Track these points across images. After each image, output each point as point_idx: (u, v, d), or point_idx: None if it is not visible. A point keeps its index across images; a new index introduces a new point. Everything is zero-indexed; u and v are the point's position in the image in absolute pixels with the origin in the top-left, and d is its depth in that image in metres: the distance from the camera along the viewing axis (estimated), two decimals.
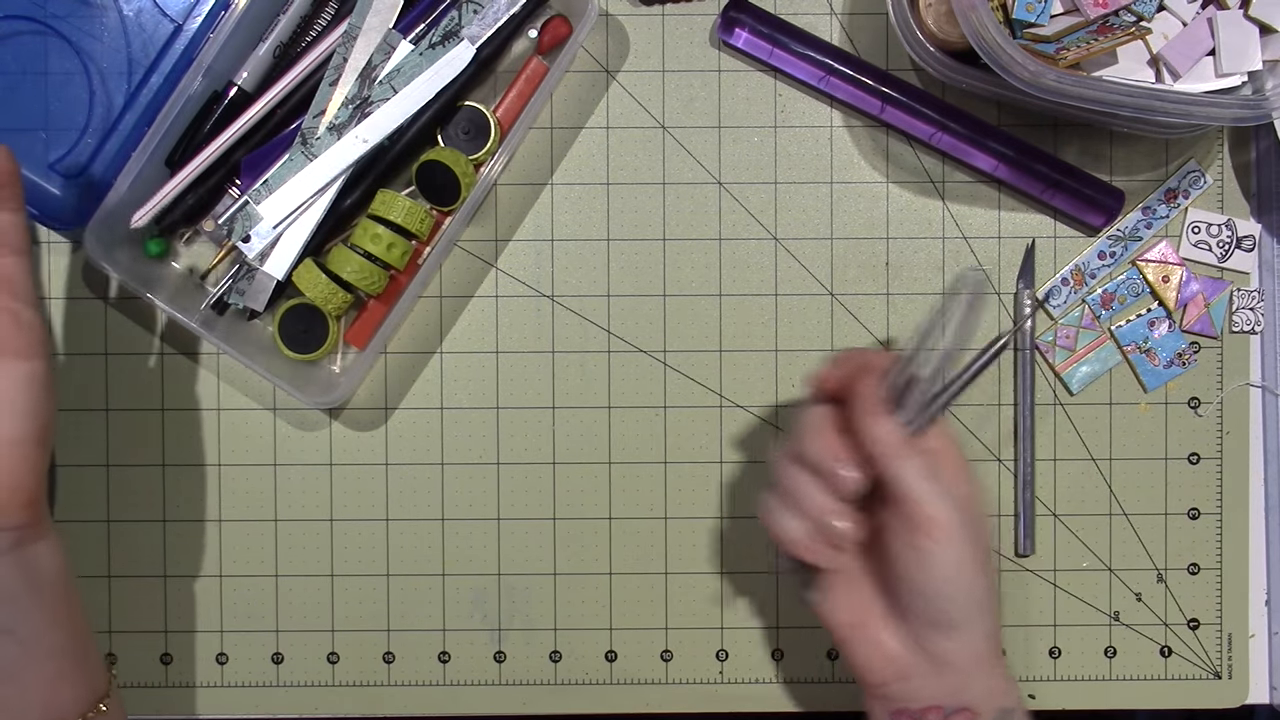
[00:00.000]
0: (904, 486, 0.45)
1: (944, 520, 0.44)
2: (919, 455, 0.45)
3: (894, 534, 0.45)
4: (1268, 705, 0.60)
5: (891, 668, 0.47)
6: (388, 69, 0.55)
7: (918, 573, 0.45)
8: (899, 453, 0.45)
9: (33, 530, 0.46)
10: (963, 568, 0.45)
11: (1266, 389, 0.60)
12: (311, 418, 0.59)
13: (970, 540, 0.45)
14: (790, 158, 0.59)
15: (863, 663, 0.47)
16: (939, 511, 0.44)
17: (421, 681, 0.60)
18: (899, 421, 0.46)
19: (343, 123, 0.55)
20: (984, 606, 0.46)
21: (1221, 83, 0.54)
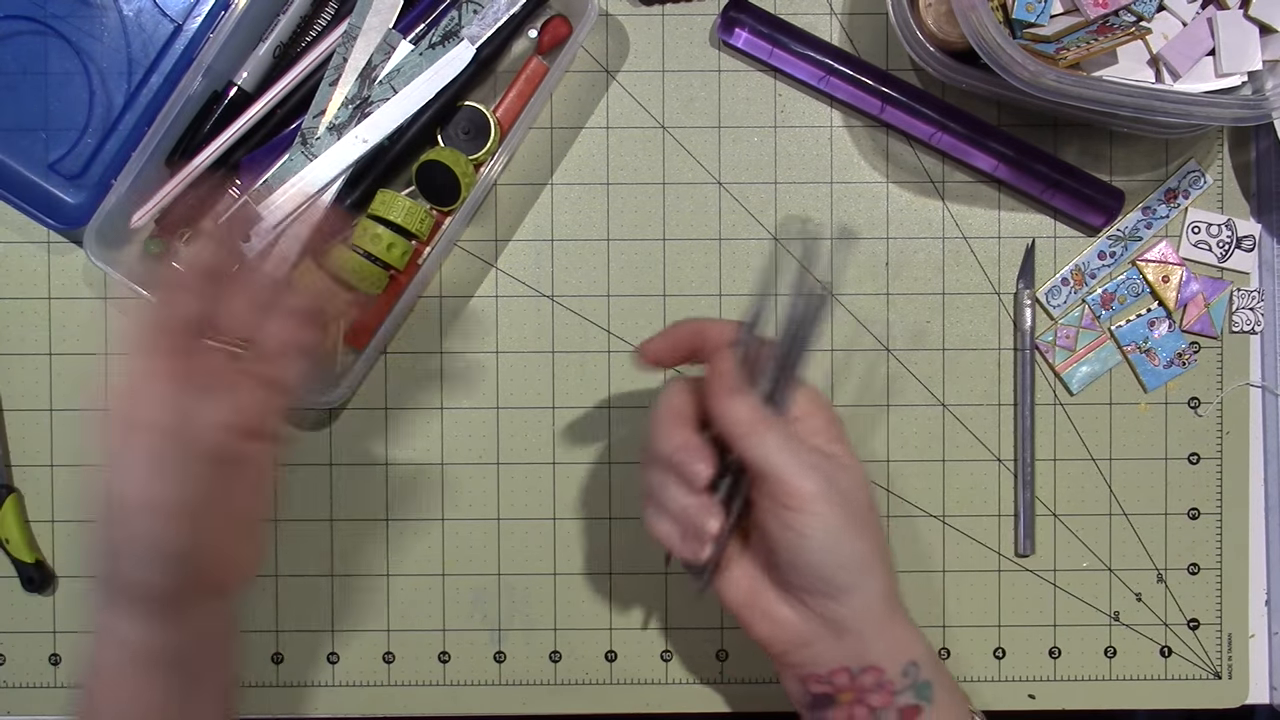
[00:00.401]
0: (763, 463, 0.43)
1: (809, 491, 0.43)
2: (774, 429, 0.44)
3: (763, 510, 0.44)
4: (1268, 705, 0.60)
5: (790, 637, 0.46)
6: (388, 69, 0.55)
7: (792, 546, 0.44)
8: (754, 429, 0.43)
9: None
10: (839, 535, 0.43)
11: (1266, 389, 0.60)
12: (311, 418, 0.59)
13: (841, 504, 0.43)
14: (790, 158, 0.59)
15: (762, 636, 0.46)
16: (802, 484, 0.43)
17: (421, 681, 0.60)
18: (758, 396, 0.45)
19: (343, 123, 0.55)
20: (870, 567, 0.45)
21: (1221, 83, 0.54)
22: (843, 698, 0.45)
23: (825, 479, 0.44)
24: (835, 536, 0.44)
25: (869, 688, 0.45)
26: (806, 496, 0.43)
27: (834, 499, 0.43)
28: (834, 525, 0.43)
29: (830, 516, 0.43)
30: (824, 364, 0.59)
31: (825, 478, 0.44)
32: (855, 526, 0.44)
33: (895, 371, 0.59)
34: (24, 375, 0.59)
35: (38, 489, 0.59)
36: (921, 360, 0.59)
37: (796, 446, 0.44)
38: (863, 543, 0.44)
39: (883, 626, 0.45)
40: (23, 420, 0.59)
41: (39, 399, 0.59)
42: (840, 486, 0.44)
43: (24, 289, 0.59)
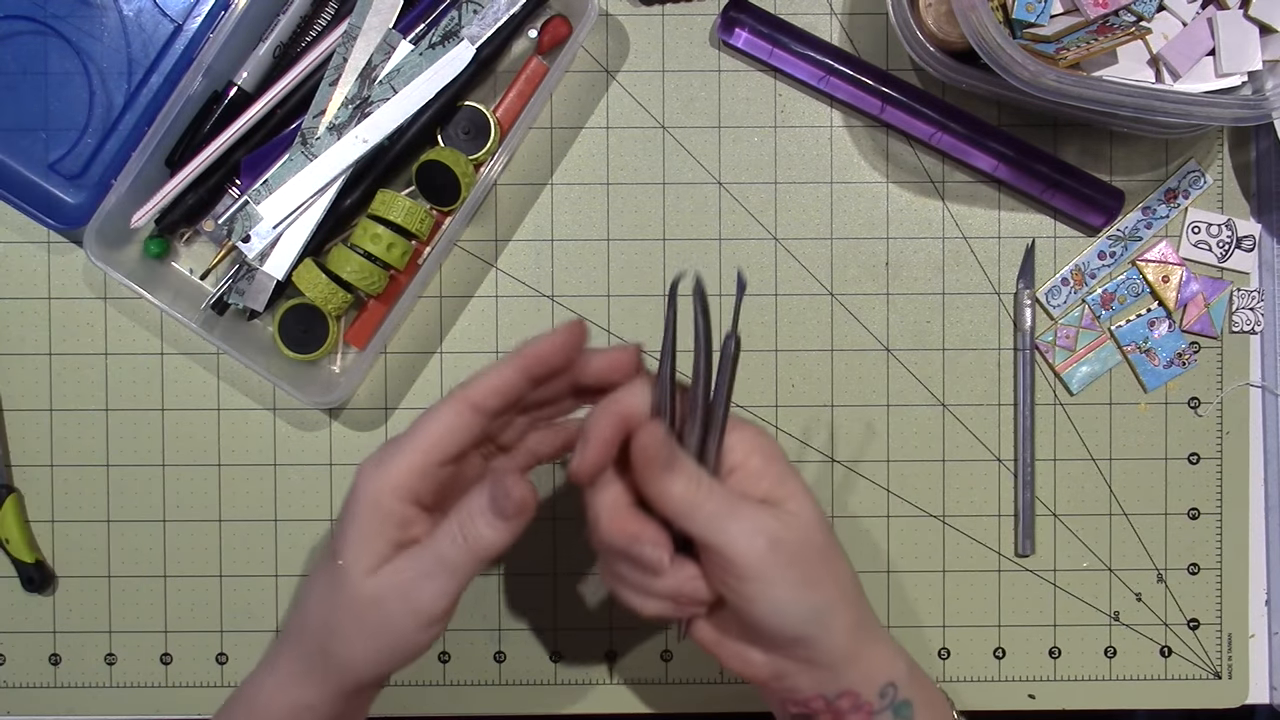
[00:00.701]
0: (705, 538, 0.42)
1: (753, 560, 0.41)
2: (711, 500, 0.42)
3: (714, 579, 0.43)
4: (1268, 705, 0.60)
5: (763, 674, 0.45)
6: (388, 69, 0.55)
7: (746, 611, 0.42)
8: (690, 508, 0.42)
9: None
10: (791, 595, 0.42)
11: (1266, 389, 0.60)
12: (311, 418, 0.59)
13: (790, 562, 0.42)
14: (790, 158, 0.59)
15: (736, 671, 0.46)
16: (746, 553, 0.41)
17: (422, 681, 0.60)
18: (688, 459, 0.43)
19: (343, 123, 0.55)
20: (832, 611, 0.43)
21: (1221, 83, 0.54)
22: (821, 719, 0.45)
23: (770, 541, 0.42)
24: (787, 598, 0.42)
25: (846, 710, 0.45)
26: (751, 565, 0.42)
27: (781, 559, 0.42)
28: (784, 588, 0.42)
29: (779, 581, 0.42)
30: (824, 364, 0.59)
31: (770, 539, 0.42)
32: (809, 579, 0.43)
33: (895, 371, 0.59)
34: (24, 375, 0.59)
35: (38, 489, 0.59)
36: (921, 360, 0.59)
37: (736, 511, 0.42)
38: (819, 592, 0.43)
39: (855, 655, 0.44)
40: (23, 420, 0.59)
41: (39, 399, 0.59)
42: (788, 541, 0.42)
43: (24, 289, 0.59)
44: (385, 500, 0.43)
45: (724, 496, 0.43)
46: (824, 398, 0.59)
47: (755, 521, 0.42)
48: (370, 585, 0.43)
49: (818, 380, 0.59)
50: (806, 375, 0.59)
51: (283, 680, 0.46)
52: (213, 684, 0.59)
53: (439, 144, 0.57)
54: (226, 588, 0.59)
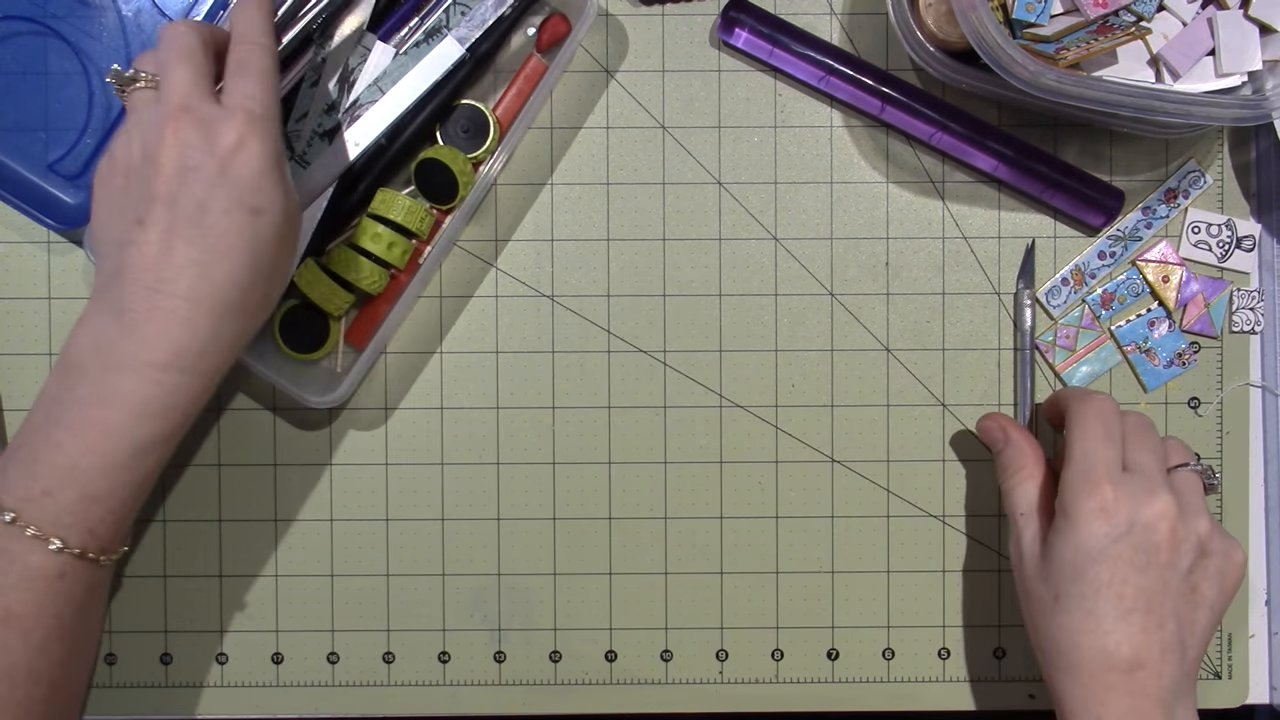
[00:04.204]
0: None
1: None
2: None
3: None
4: (1268, 705, 0.60)
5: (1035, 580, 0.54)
6: (367, 71, 0.55)
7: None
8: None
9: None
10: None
11: (1266, 389, 0.60)
12: (311, 418, 0.59)
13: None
14: (790, 158, 0.59)
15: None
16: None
17: (421, 681, 0.60)
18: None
19: (331, 128, 0.55)
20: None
21: (1221, 83, 0.54)
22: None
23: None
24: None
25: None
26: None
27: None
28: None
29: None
30: (824, 364, 0.59)
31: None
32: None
33: (895, 371, 0.59)
34: (24, 375, 0.59)
35: None
36: (921, 360, 0.59)
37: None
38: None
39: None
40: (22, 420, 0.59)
41: None
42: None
43: (24, 289, 0.59)
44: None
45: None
46: (824, 398, 0.59)
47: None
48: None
49: (818, 380, 0.59)
50: (806, 375, 0.59)
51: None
52: (213, 684, 0.59)
53: (438, 142, 0.57)
54: (226, 588, 0.59)
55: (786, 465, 0.59)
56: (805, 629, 0.60)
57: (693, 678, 0.60)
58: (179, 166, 0.45)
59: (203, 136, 0.45)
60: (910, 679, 0.60)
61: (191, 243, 0.45)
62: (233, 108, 0.46)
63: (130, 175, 0.46)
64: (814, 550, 0.59)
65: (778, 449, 0.59)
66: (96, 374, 0.45)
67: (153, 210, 0.45)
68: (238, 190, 0.46)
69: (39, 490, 0.45)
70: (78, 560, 0.45)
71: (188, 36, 0.48)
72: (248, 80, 0.48)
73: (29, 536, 0.44)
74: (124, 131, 0.47)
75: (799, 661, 0.60)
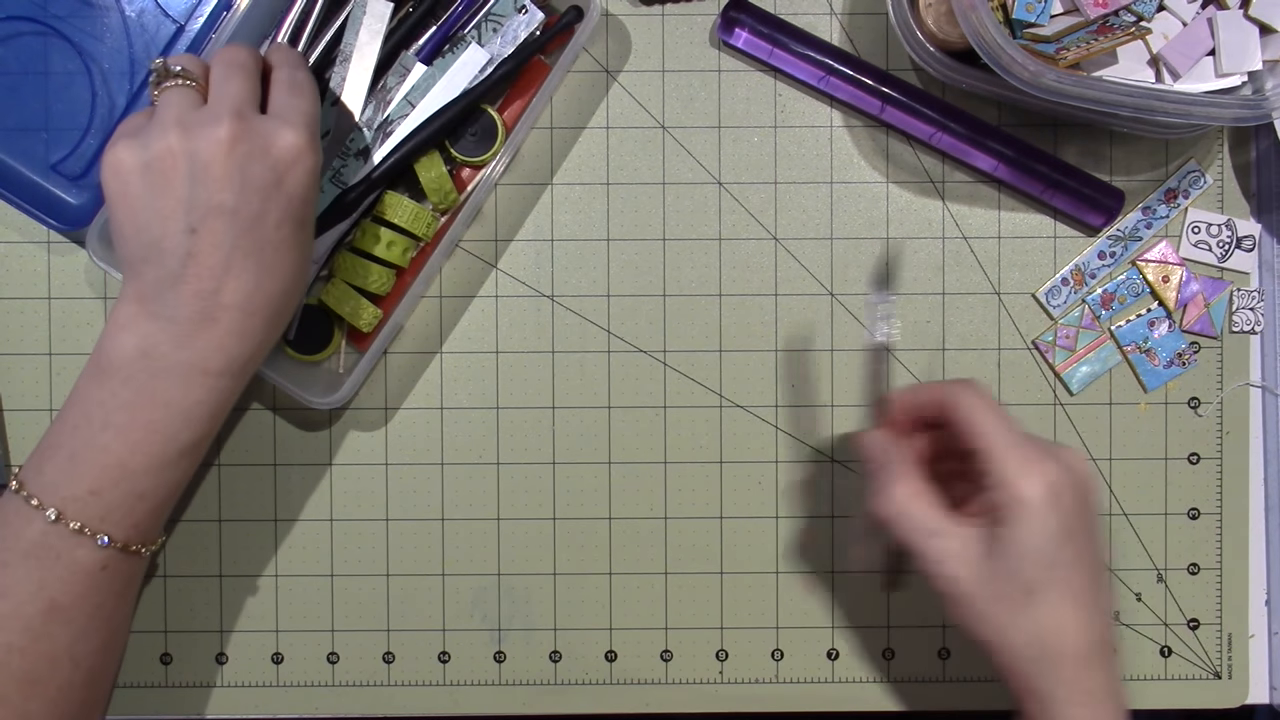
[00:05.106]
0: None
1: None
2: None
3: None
4: (1268, 705, 0.60)
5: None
6: (403, 90, 0.55)
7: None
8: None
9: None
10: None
11: (1266, 389, 0.60)
12: (312, 418, 0.59)
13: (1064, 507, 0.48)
14: (790, 158, 0.59)
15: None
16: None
17: (421, 681, 0.60)
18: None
19: (365, 146, 0.55)
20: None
21: (1221, 83, 0.54)
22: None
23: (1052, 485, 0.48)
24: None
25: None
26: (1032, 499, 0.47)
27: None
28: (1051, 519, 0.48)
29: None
30: (824, 364, 0.59)
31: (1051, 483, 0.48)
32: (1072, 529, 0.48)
33: (895, 371, 0.59)
34: (24, 375, 0.59)
35: None
36: (921, 360, 0.59)
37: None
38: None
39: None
40: (23, 420, 0.59)
41: (39, 399, 0.59)
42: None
43: (24, 289, 0.59)
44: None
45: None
46: (824, 398, 0.59)
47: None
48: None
49: (817, 380, 0.59)
50: (806, 375, 0.59)
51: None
52: (213, 684, 0.59)
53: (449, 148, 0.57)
54: (227, 588, 0.59)
55: (786, 465, 0.59)
56: (805, 629, 0.60)
57: (693, 678, 0.60)
58: (239, 176, 0.45)
59: (261, 148, 0.46)
60: (910, 679, 0.60)
61: (249, 255, 0.46)
62: (290, 120, 0.47)
63: (173, 172, 0.45)
64: (814, 550, 0.59)
65: (778, 449, 0.59)
66: (143, 379, 0.46)
67: (209, 220, 0.45)
68: (290, 204, 0.46)
69: (85, 489, 0.46)
70: (120, 553, 0.47)
71: (243, 53, 0.49)
72: (300, 98, 0.48)
73: (74, 532, 0.46)
74: (159, 124, 0.46)
75: (799, 661, 0.60)
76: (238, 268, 0.45)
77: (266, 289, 0.46)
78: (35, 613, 0.46)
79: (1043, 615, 0.47)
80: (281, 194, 0.46)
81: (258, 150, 0.45)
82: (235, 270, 0.45)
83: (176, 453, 0.47)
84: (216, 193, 0.45)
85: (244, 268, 0.46)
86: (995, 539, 0.47)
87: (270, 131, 0.46)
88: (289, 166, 0.46)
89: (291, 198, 0.46)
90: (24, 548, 0.46)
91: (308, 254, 0.49)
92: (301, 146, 0.46)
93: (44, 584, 0.46)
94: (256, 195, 0.45)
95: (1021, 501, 0.46)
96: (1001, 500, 0.47)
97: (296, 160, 0.46)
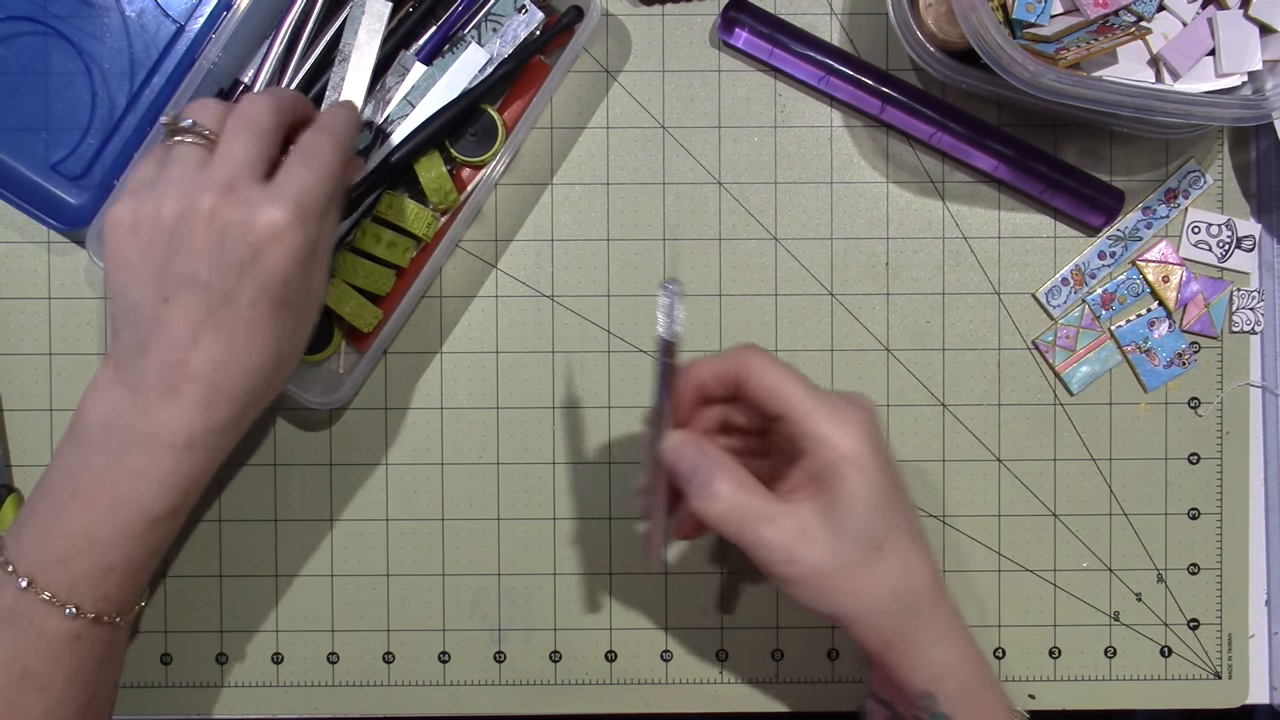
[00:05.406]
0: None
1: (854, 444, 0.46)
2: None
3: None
4: (1268, 705, 0.60)
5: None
6: (403, 90, 0.55)
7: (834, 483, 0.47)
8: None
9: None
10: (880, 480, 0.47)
11: (1266, 389, 0.60)
12: (312, 418, 0.59)
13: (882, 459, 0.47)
14: (790, 158, 0.59)
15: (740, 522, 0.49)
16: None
17: (421, 681, 0.60)
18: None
19: (365, 147, 0.55)
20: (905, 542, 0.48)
21: (1221, 83, 0.54)
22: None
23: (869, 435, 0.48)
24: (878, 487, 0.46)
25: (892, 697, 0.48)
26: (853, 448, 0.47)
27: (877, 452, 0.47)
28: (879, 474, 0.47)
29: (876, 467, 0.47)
30: (824, 364, 0.59)
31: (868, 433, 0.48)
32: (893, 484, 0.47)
33: (895, 371, 0.59)
34: (24, 375, 0.59)
35: None
36: (921, 360, 0.59)
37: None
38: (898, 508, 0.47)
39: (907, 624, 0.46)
40: (23, 420, 0.59)
41: (39, 399, 0.59)
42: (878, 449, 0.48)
43: (24, 289, 0.59)
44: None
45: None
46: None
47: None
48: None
49: (818, 380, 0.59)
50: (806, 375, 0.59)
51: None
52: (213, 684, 0.59)
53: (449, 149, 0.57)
54: (226, 588, 0.59)
55: None
56: (805, 629, 0.60)
57: (693, 678, 0.60)
58: (215, 249, 0.44)
59: (242, 222, 0.44)
60: None
61: (219, 329, 0.44)
62: (281, 195, 0.44)
63: (158, 237, 0.44)
64: None
65: None
66: (112, 448, 0.45)
67: (181, 291, 0.44)
68: (268, 282, 0.44)
69: (54, 558, 0.45)
70: (93, 624, 0.45)
71: (264, 113, 0.46)
72: (308, 170, 0.46)
73: (44, 601, 0.44)
74: (158, 186, 0.45)
75: (799, 661, 0.60)
76: (206, 341, 0.44)
77: (235, 367, 0.45)
78: (9, 680, 0.44)
79: (896, 563, 0.46)
80: (258, 271, 0.44)
81: (239, 224, 0.44)
82: (204, 344, 0.44)
83: (146, 526, 0.45)
84: (192, 264, 0.44)
85: (213, 341, 0.44)
86: (830, 504, 0.45)
87: (256, 204, 0.44)
88: (266, 244, 0.44)
89: (270, 276, 0.44)
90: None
91: (292, 335, 0.47)
92: (284, 225, 0.44)
93: (17, 652, 0.44)
94: (231, 271, 0.44)
95: (847, 457, 0.45)
96: (825, 459, 0.45)
97: (276, 239, 0.44)
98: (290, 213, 0.44)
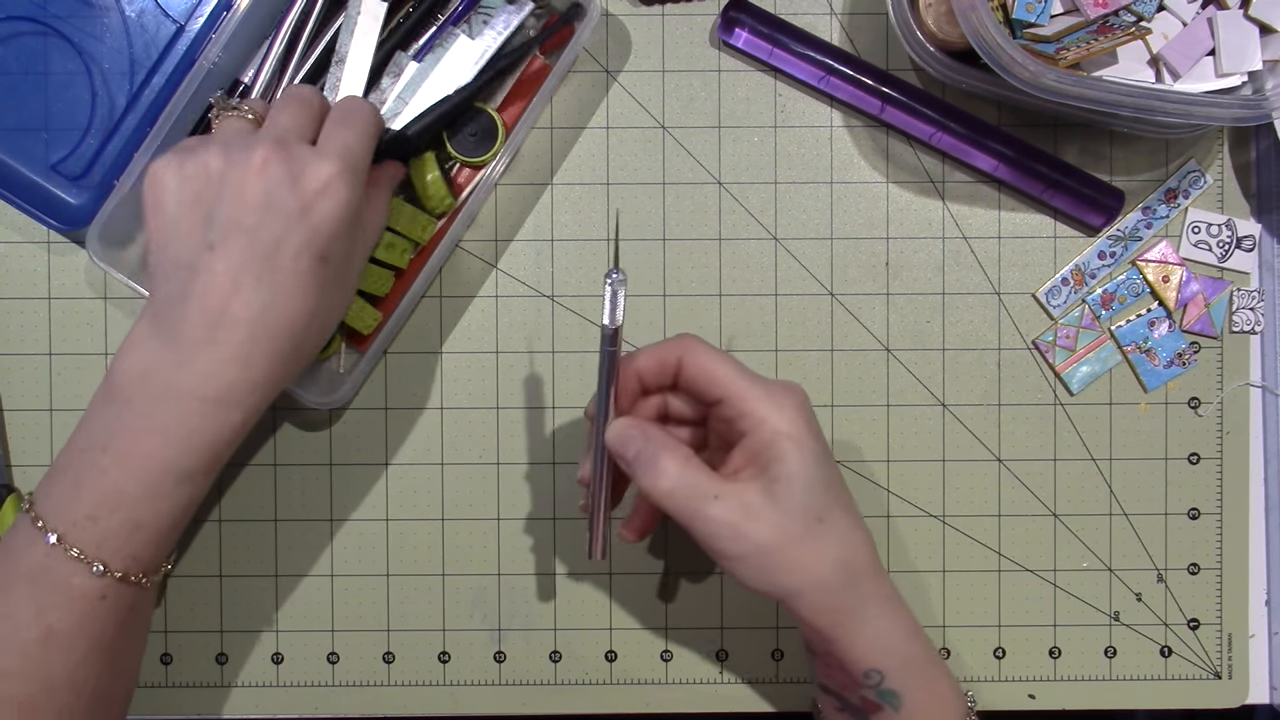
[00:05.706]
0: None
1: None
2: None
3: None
4: (1268, 705, 0.60)
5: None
6: (396, 90, 0.55)
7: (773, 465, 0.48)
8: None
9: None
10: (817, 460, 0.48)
11: (1266, 389, 0.60)
12: (312, 418, 0.59)
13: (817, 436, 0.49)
14: (790, 158, 0.59)
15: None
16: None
17: (421, 681, 0.60)
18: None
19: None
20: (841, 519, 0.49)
21: (1221, 83, 0.54)
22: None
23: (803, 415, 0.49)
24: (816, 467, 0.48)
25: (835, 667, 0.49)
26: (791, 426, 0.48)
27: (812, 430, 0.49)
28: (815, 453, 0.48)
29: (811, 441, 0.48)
30: (824, 364, 0.59)
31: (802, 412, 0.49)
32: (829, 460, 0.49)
33: (895, 371, 0.59)
34: (24, 375, 0.59)
35: None
36: (921, 360, 0.59)
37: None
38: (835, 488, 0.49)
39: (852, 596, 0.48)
40: (23, 420, 0.59)
41: (39, 399, 0.59)
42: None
43: (24, 289, 0.59)
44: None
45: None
46: (824, 398, 0.59)
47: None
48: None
49: (818, 380, 0.59)
50: (806, 375, 0.59)
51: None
52: (213, 684, 0.59)
53: (447, 147, 0.57)
54: (226, 588, 0.59)
55: None
56: None
57: (693, 678, 0.60)
58: (263, 199, 0.45)
59: (291, 174, 0.45)
60: None
61: (261, 279, 0.45)
62: (327, 152, 0.46)
63: (205, 188, 0.45)
64: None
65: None
66: (143, 403, 0.45)
67: (229, 237, 0.45)
68: (313, 235, 0.45)
69: (83, 514, 0.45)
70: (119, 583, 0.46)
71: (309, 92, 0.50)
72: (348, 130, 0.48)
73: (72, 558, 0.44)
74: (204, 143, 0.46)
75: (798, 661, 0.60)
76: (247, 290, 0.45)
77: (273, 318, 0.45)
78: (32, 639, 0.44)
79: (836, 538, 0.47)
80: (305, 223, 0.45)
81: (288, 176, 0.45)
82: (244, 292, 0.45)
83: (174, 482, 0.45)
84: (239, 211, 0.44)
85: (254, 290, 0.45)
86: (772, 481, 0.46)
87: (305, 159, 0.45)
88: (316, 196, 0.45)
89: (316, 229, 0.45)
90: (26, 571, 0.45)
91: (332, 293, 0.47)
92: (332, 177, 0.46)
93: (42, 609, 0.45)
94: (278, 220, 0.45)
95: (786, 435, 0.46)
96: (764, 438, 0.46)
97: (325, 191, 0.45)
98: (338, 168, 0.46)
